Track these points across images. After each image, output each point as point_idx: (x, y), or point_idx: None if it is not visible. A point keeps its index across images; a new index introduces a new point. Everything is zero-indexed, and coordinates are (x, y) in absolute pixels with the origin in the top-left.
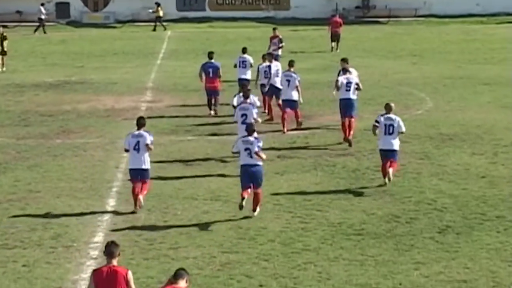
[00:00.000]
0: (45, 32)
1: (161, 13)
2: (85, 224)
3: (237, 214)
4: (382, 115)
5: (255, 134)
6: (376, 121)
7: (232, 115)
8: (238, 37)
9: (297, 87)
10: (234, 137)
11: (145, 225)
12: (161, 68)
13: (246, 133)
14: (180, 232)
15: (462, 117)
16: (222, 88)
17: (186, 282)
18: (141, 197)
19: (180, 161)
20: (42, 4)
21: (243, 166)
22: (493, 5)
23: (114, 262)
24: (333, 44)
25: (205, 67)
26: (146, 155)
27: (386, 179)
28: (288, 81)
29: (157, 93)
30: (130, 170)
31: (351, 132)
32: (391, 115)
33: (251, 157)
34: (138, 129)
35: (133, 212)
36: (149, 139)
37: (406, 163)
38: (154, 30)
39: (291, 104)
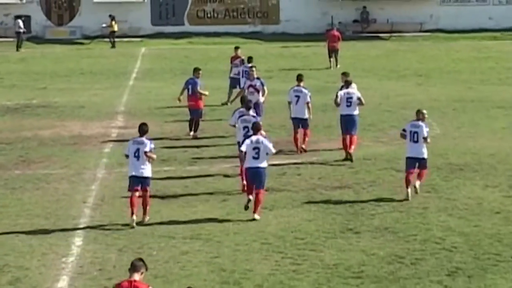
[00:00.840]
0: (18, 49)
1: (115, 28)
2: (47, 267)
3: (220, 254)
4: (409, 122)
5: (263, 133)
6: (404, 130)
7: (215, 137)
8: (221, 55)
9: (307, 103)
10: (217, 166)
11: (116, 267)
12: (134, 90)
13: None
14: (155, 275)
15: (473, 145)
16: (204, 112)
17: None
18: (146, 218)
19: (155, 195)
20: (19, 17)
21: (248, 168)
22: (508, 19)
23: (136, 277)
24: (331, 60)
25: (186, 83)
26: (147, 162)
27: (409, 190)
28: (298, 97)
29: (129, 118)
30: (130, 177)
31: (353, 147)
32: (418, 122)
33: (258, 158)
34: (140, 135)
35: (128, 225)
36: (148, 146)
37: (411, 197)
38: (113, 47)
39: (302, 122)
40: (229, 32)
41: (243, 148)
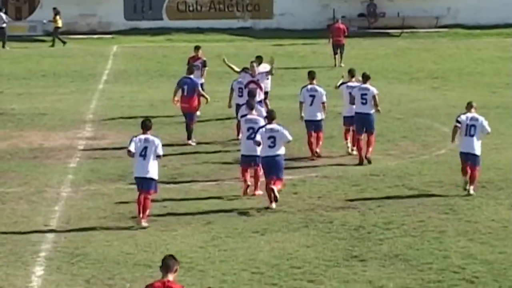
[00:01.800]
0: (3, 46)
1: (59, 23)
2: None
3: (204, 285)
4: (464, 114)
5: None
6: (458, 121)
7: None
8: (205, 54)
9: (323, 103)
10: (200, 184)
11: None
12: (104, 95)
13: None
14: None
15: (498, 159)
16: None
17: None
18: (144, 223)
19: (129, 217)
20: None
21: (264, 157)
22: None
23: (170, 277)
24: (336, 57)
25: (180, 83)
26: (155, 163)
27: (467, 177)
28: (313, 97)
29: (99, 128)
30: (135, 178)
31: (370, 149)
32: (475, 114)
33: (274, 146)
34: (145, 132)
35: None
36: (160, 147)
37: (426, 219)
38: (53, 45)
39: (316, 124)
40: (214, 28)
41: (258, 137)
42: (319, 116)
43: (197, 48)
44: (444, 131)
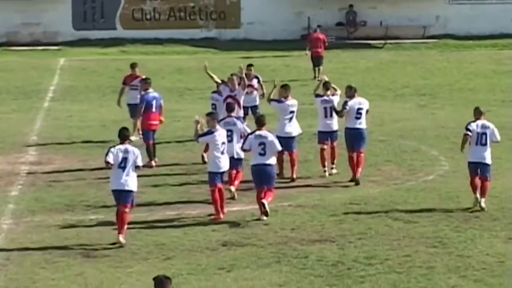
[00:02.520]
0: None
1: None
2: None
3: None
4: (473, 121)
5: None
6: (468, 129)
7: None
8: (164, 68)
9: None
10: (158, 214)
11: None
12: (50, 114)
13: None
14: None
15: (493, 186)
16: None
17: None
18: (121, 239)
19: (78, 252)
20: None
21: (255, 166)
22: None
23: None
24: (316, 69)
25: (148, 98)
26: (133, 174)
27: (478, 194)
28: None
29: (44, 151)
30: (113, 191)
31: (360, 169)
32: (485, 121)
33: (265, 154)
34: (122, 142)
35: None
36: (139, 158)
37: (412, 253)
38: None
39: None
40: (174, 39)
41: (247, 145)
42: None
43: (133, 65)
44: (432, 154)
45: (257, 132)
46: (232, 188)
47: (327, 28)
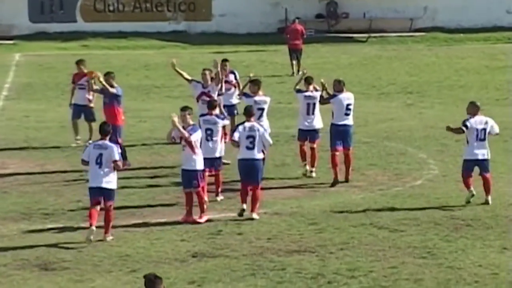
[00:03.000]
0: None
1: None
2: None
3: None
4: (471, 118)
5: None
6: (465, 125)
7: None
8: (129, 64)
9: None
10: (120, 223)
11: None
12: (4, 114)
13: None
14: None
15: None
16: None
17: None
18: (108, 238)
19: (35, 264)
20: None
21: (242, 160)
22: None
23: None
24: (294, 64)
25: (121, 91)
26: (112, 170)
27: (471, 188)
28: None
29: None
30: (90, 189)
31: (351, 169)
32: (483, 117)
33: (253, 148)
34: (102, 137)
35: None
36: (116, 153)
37: (399, 264)
38: None
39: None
40: (140, 32)
41: (235, 136)
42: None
43: (79, 62)
44: (420, 157)
45: (246, 124)
46: (219, 198)
47: (306, 20)
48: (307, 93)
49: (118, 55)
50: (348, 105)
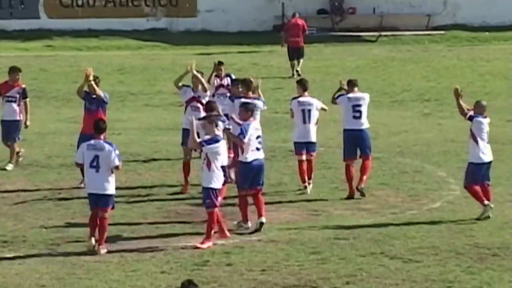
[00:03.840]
0: None
1: None
2: None
3: None
4: (483, 117)
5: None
6: (471, 119)
7: None
8: (101, 67)
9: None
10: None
11: None
12: None
13: None
14: None
15: None
16: None
17: None
18: (102, 250)
19: None
20: None
21: (252, 163)
22: None
23: None
24: (294, 64)
25: (87, 98)
26: (110, 174)
27: (489, 203)
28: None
29: None
30: (89, 195)
31: (365, 177)
32: (486, 118)
33: (260, 148)
34: (97, 136)
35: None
36: (114, 156)
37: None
38: None
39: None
40: (113, 30)
41: (244, 138)
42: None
43: (13, 71)
44: (439, 175)
45: (254, 124)
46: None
47: (307, 16)
48: (300, 99)
49: (88, 57)
50: (355, 106)
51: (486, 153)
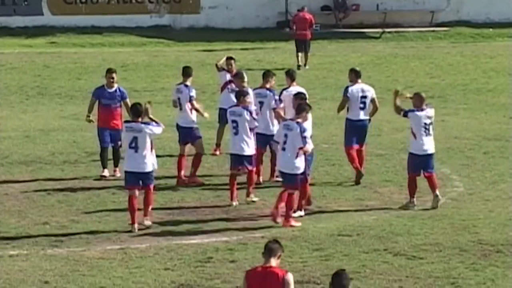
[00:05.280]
0: None
1: None
2: None
3: None
4: (420, 110)
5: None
6: (406, 112)
7: None
8: (104, 64)
9: (274, 109)
10: (93, 249)
11: None
12: None
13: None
14: None
15: None
16: None
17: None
18: (146, 221)
19: None
20: None
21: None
22: None
23: (273, 262)
24: (300, 56)
25: (99, 94)
26: (149, 154)
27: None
28: (261, 103)
29: None
30: (126, 173)
31: (362, 168)
32: (429, 109)
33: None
34: (133, 119)
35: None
36: (155, 128)
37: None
38: None
39: (269, 140)
40: (117, 27)
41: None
42: (271, 129)
43: None
44: (443, 172)
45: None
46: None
47: (310, 13)
48: (289, 89)
49: (92, 54)
50: (362, 97)
51: (426, 145)
